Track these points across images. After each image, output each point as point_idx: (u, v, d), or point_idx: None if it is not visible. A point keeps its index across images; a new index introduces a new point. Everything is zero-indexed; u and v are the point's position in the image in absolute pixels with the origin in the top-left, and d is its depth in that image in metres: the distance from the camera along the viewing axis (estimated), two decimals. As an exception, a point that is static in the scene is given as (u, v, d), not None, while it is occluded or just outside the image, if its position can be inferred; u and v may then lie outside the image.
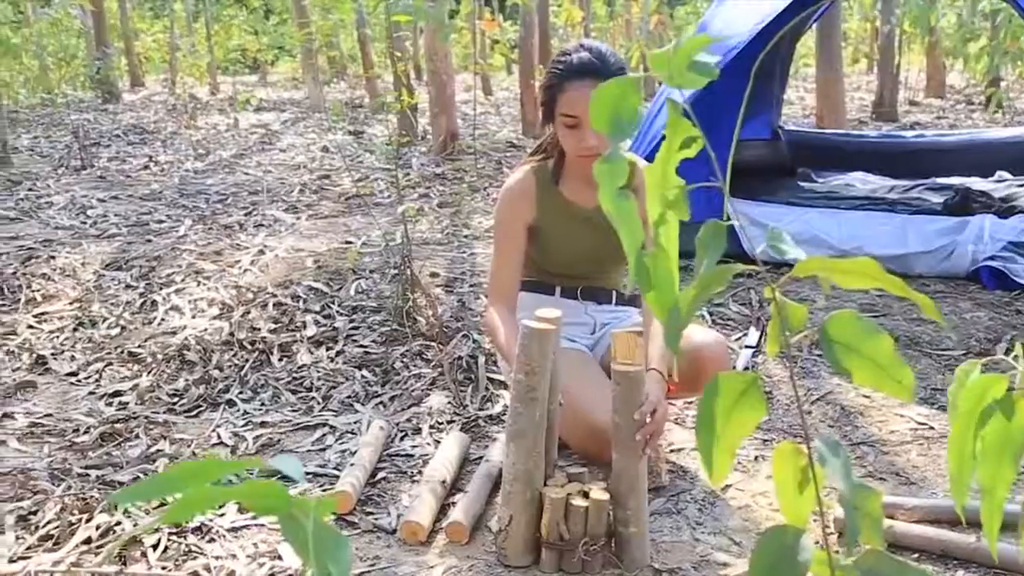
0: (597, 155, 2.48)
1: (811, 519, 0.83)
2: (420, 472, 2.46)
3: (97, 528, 2.13)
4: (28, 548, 2.08)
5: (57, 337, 3.56)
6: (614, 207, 0.78)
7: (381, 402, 2.94)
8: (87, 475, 2.46)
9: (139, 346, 3.42)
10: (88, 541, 2.09)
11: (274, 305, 3.71)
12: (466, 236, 5.13)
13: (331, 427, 2.77)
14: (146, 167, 7.80)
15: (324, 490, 2.38)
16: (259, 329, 3.48)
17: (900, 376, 0.78)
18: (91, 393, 3.08)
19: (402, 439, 2.66)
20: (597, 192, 2.57)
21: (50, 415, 2.91)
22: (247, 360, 3.25)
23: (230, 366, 3.21)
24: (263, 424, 2.81)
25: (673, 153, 0.78)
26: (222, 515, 2.21)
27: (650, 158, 0.86)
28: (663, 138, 0.80)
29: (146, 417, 2.85)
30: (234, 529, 2.16)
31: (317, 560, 0.58)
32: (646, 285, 0.79)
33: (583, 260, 2.61)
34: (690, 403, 2.90)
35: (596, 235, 2.53)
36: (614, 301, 2.70)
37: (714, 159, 0.78)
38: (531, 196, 2.53)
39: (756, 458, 2.54)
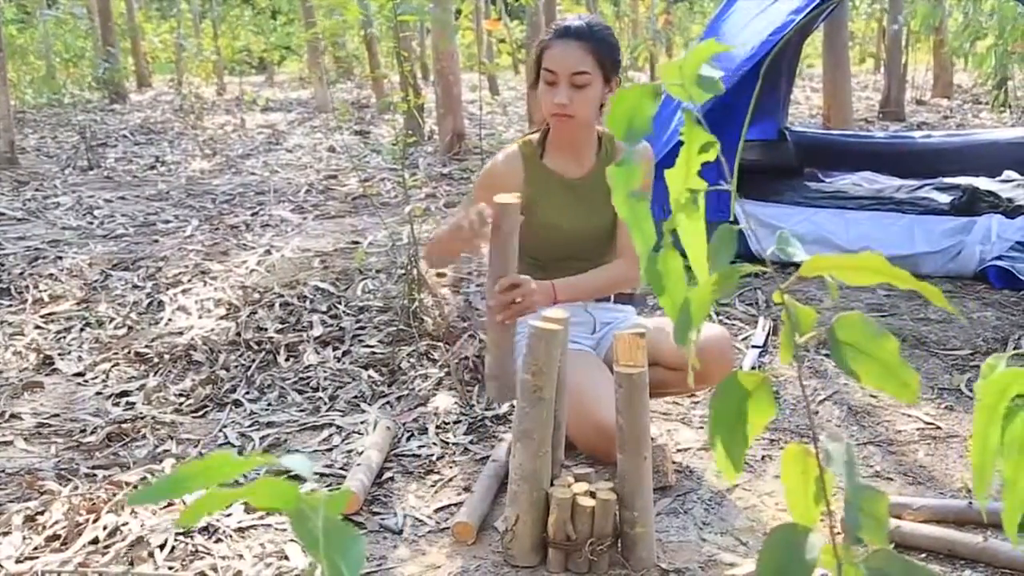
0: (567, 116, 2.55)
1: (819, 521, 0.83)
2: (428, 472, 2.47)
3: (104, 528, 2.13)
4: (35, 548, 2.08)
5: (64, 337, 3.57)
6: (627, 210, 0.79)
7: (388, 402, 2.94)
8: (94, 475, 2.46)
9: (146, 346, 3.43)
10: (95, 541, 2.09)
11: (280, 305, 3.71)
12: (472, 236, 5.12)
13: (337, 427, 2.77)
14: (153, 167, 7.81)
15: (331, 490, 2.37)
16: (266, 329, 3.48)
17: (905, 378, 0.78)
18: (98, 393, 3.08)
19: (408, 439, 2.66)
20: (581, 162, 2.63)
21: (57, 415, 2.91)
22: (253, 360, 3.25)
23: (236, 366, 3.21)
24: (269, 424, 2.81)
25: (693, 158, 0.79)
26: (229, 515, 2.22)
27: (668, 159, 0.86)
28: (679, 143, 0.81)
29: (153, 417, 2.85)
30: (241, 529, 2.17)
31: (328, 557, 0.57)
32: (658, 286, 0.80)
33: (573, 237, 2.58)
34: (697, 402, 2.89)
35: (583, 205, 2.55)
36: (612, 299, 2.70)
37: (724, 162, 0.79)
38: (518, 171, 2.56)
39: (763, 458, 2.53)
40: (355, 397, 2.98)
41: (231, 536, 2.13)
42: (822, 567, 0.74)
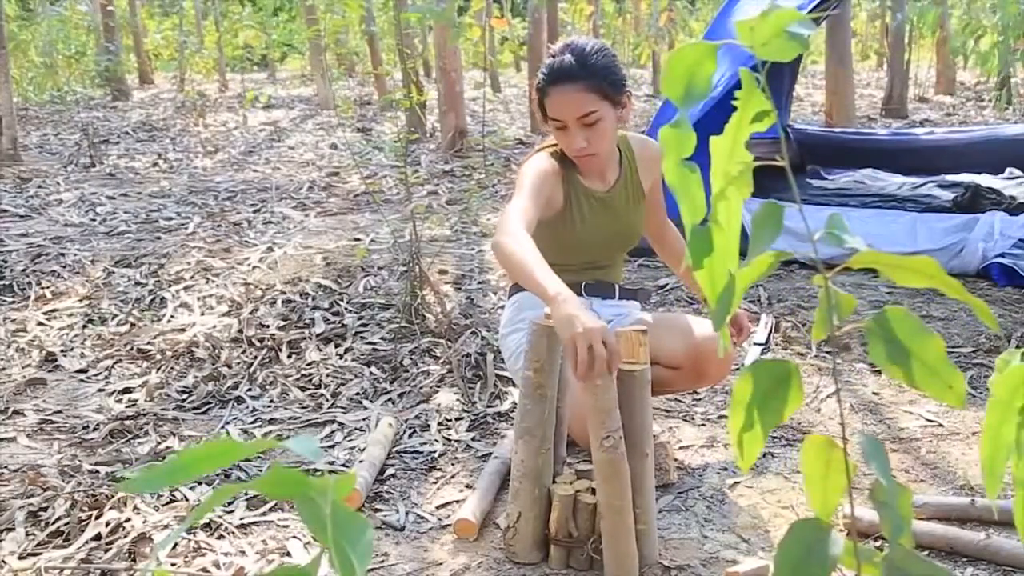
0: (590, 155, 2.46)
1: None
2: (430, 469, 2.47)
3: (107, 525, 2.13)
4: (38, 544, 2.08)
5: (67, 334, 3.57)
6: (677, 178, 0.75)
7: (390, 399, 2.94)
8: (97, 472, 2.46)
9: (148, 343, 3.43)
10: (98, 537, 2.10)
11: (283, 302, 3.71)
12: (475, 233, 5.13)
13: (340, 424, 2.77)
14: (155, 164, 7.82)
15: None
16: (268, 326, 3.49)
17: (951, 380, 0.74)
18: (100, 390, 3.09)
19: (411, 436, 2.67)
20: (606, 176, 2.54)
21: (60, 412, 2.92)
22: (256, 357, 3.25)
23: (239, 363, 3.21)
24: (272, 421, 2.81)
25: (744, 126, 0.76)
26: (231, 512, 2.22)
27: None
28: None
29: (155, 414, 2.85)
30: (243, 526, 2.17)
31: (336, 543, 0.56)
32: (702, 260, 0.77)
33: (602, 245, 2.57)
34: (699, 400, 2.89)
35: (610, 215, 2.51)
36: (617, 295, 2.69)
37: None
38: (559, 175, 2.46)
39: (766, 455, 2.53)
40: (357, 394, 2.98)
41: (233, 532, 2.13)
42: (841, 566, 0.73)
